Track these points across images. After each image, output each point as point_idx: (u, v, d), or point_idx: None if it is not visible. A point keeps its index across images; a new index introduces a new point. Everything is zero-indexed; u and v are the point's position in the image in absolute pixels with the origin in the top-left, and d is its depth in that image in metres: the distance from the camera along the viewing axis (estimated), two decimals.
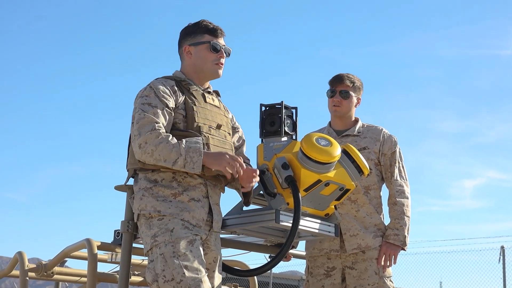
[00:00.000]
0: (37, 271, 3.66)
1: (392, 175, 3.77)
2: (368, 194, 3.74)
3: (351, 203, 3.70)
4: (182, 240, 2.84)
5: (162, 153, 2.84)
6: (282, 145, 3.21)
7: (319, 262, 3.75)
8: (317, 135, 3.10)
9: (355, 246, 3.66)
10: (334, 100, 3.80)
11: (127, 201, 3.11)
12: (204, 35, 3.14)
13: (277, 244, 3.69)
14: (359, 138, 3.81)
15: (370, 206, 3.72)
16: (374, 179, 3.76)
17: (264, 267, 3.21)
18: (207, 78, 3.18)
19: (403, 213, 3.70)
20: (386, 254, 3.66)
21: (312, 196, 3.11)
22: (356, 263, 3.67)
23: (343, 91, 3.78)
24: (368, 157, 3.72)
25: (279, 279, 17.44)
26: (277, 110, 3.29)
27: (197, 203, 2.95)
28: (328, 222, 3.31)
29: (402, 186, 3.76)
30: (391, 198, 3.76)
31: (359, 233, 3.67)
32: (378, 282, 3.64)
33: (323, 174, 3.06)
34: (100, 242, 3.21)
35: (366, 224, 3.70)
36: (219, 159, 2.88)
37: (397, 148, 3.82)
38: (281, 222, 3.05)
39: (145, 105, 2.94)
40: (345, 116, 3.84)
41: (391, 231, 3.68)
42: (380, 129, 3.85)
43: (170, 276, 2.79)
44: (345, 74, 3.82)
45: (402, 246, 3.68)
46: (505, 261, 12.91)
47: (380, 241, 3.69)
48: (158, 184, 2.95)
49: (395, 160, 3.79)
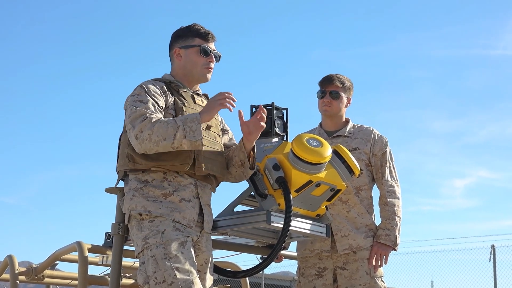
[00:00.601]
0: (27, 274, 3.64)
1: (383, 176, 3.77)
2: (359, 195, 3.74)
3: (342, 204, 3.71)
4: (173, 242, 2.83)
5: (159, 132, 2.82)
6: (273, 146, 3.21)
7: (310, 263, 3.75)
8: (308, 136, 3.10)
9: (346, 246, 3.66)
10: (324, 101, 3.81)
11: (118, 203, 3.10)
12: (195, 38, 3.15)
13: (269, 245, 3.69)
14: (350, 139, 3.82)
15: (361, 207, 3.73)
16: (365, 180, 3.76)
17: (256, 268, 3.21)
18: (196, 81, 3.19)
19: (394, 214, 3.71)
20: (377, 254, 3.66)
21: (303, 197, 3.11)
22: (347, 263, 3.68)
23: (333, 91, 3.79)
24: (359, 157, 3.73)
25: (271, 280, 17.44)
26: (268, 111, 3.28)
27: (187, 204, 2.95)
28: (319, 222, 3.31)
29: (393, 187, 3.77)
30: (382, 199, 3.77)
31: (350, 233, 3.67)
32: (369, 282, 3.64)
33: (314, 175, 3.06)
34: (91, 245, 3.20)
35: (357, 225, 3.71)
36: (211, 104, 2.92)
37: (387, 148, 3.83)
38: (272, 223, 3.05)
39: (136, 102, 2.95)
40: (336, 117, 3.85)
41: (382, 231, 3.69)
42: (371, 130, 3.86)
43: (161, 278, 2.78)
44: (335, 75, 3.83)
45: (393, 246, 3.68)
46: (495, 260, 12.97)
47: (371, 241, 3.70)
48: (149, 184, 2.94)
49: (386, 160, 3.80)
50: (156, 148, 2.85)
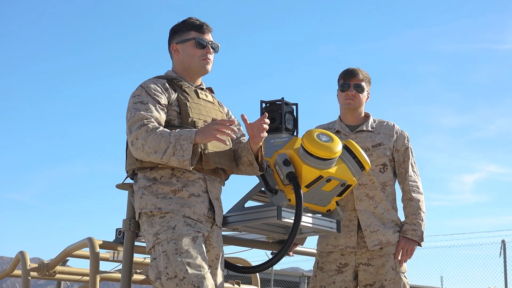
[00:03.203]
0: (39, 270, 3.66)
1: (406, 171, 3.76)
2: (385, 190, 3.72)
3: (369, 200, 3.68)
4: (184, 237, 2.84)
5: (152, 144, 2.81)
6: (283, 142, 3.21)
7: (331, 258, 3.70)
8: (318, 131, 3.10)
9: (376, 242, 3.63)
10: (348, 94, 3.75)
11: (129, 199, 3.11)
12: (190, 32, 3.14)
13: (279, 241, 3.69)
14: (374, 134, 3.78)
15: (387, 202, 3.71)
16: (390, 175, 3.75)
17: (266, 264, 3.21)
18: (196, 74, 3.17)
19: (419, 209, 3.70)
20: (404, 249, 3.64)
21: (314, 192, 3.11)
22: (372, 259, 3.65)
23: (357, 84, 3.75)
24: (384, 153, 3.71)
25: (280, 276, 17.45)
26: (278, 107, 3.28)
27: (197, 199, 2.95)
28: (330, 218, 3.31)
29: (416, 182, 3.76)
30: (406, 194, 3.75)
31: (379, 229, 3.64)
32: (394, 278, 3.62)
33: (324, 170, 3.05)
34: (102, 241, 3.21)
35: (384, 220, 3.68)
36: (206, 131, 2.82)
37: (409, 144, 3.82)
38: (283, 218, 3.05)
39: (137, 104, 2.94)
40: (357, 111, 3.81)
41: (409, 226, 3.67)
42: (392, 125, 3.83)
43: (173, 273, 2.79)
44: (357, 68, 3.80)
45: (419, 241, 3.67)
46: (506, 255, 12.94)
47: (398, 236, 3.69)
48: (157, 181, 2.95)
49: (408, 156, 3.79)
50: (148, 159, 2.86)
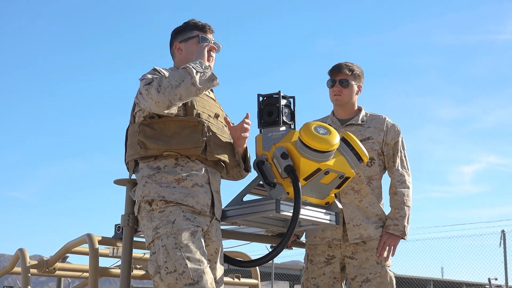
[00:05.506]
0: (38, 267, 3.66)
1: (394, 165, 3.78)
2: (371, 184, 3.74)
3: (354, 193, 3.71)
4: (184, 232, 2.84)
5: (175, 77, 2.85)
6: (280, 135, 3.20)
7: (319, 250, 3.76)
8: (316, 123, 3.09)
9: (357, 236, 3.66)
10: (334, 90, 3.80)
11: (127, 195, 3.11)
12: (193, 31, 3.21)
13: (278, 234, 3.69)
14: (363, 127, 3.81)
15: (372, 196, 3.73)
16: (376, 169, 3.76)
17: (266, 257, 3.21)
18: None
19: (403, 203, 3.71)
20: (386, 244, 3.67)
21: (312, 185, 3.11)
22: (357, 253, 3.69)
23: (342, 80, 3.79)
24: (372, 147, 3.74)
25: (280, 269, 17.49)
26: (275, 100, 3.28)
27: (200, 189, 2.96)
28: (328, 210, 3.31)
29: (403, 176, 3.77)
30: (392, 188, 3.77)
31: (362, 223, 3.67)
32: (380, 271, 3.65)
33: (322, 163, 3.05)
34: (101, 237, 3.21)
35: (368, 214, 3.71)
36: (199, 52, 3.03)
37: (400, 137, 3.83)
38: (281, 211, 3.05)
39: (146, 75, 2.98)
40: (347, 105, 3.84)
41: (391, 221, 3.70)
42: (384, 118, 3.84)
43: (172, 267, 2.79)
44: (344, 63, 3.82)
45: (401, 235, 3.69)
46: (506, 245, 12.96)
47: (381, 232, 3.70)
48: (161, 170, 2.96)
49: (398, 149, 3.80)
50: (180, 91, 2.84)
